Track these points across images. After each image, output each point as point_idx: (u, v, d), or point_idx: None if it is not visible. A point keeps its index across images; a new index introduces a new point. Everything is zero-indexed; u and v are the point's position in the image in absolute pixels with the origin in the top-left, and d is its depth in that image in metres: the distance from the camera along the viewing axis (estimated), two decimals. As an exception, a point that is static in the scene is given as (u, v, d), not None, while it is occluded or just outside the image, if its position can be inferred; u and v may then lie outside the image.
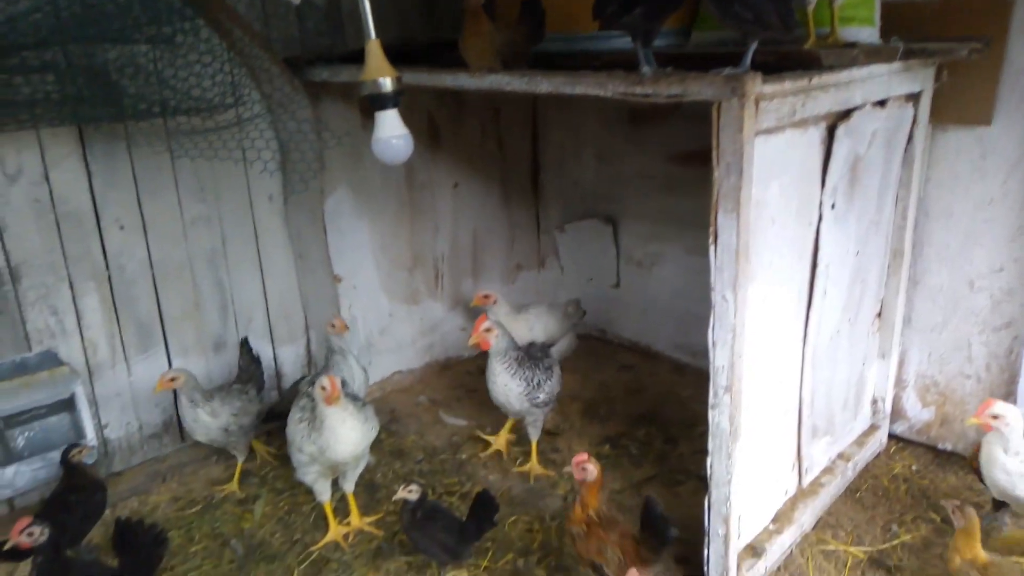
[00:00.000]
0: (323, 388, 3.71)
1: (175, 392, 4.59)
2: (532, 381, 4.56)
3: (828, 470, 4.44)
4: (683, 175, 5.63)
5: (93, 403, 4.69)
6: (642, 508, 3.38)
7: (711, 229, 3.09)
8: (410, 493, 3.73)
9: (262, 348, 5.52)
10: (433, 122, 5.90)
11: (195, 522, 4.45)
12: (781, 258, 3.52)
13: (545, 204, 6.77)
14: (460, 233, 6.35)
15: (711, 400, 3.31)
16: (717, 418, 3.30)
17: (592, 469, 3.38)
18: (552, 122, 6.50)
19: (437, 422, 5.61)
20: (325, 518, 4.30)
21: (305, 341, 5.80)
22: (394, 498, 3.80)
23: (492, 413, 5.43)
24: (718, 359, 3.22)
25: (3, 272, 4.30)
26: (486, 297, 5.43)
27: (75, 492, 3.99)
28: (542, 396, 4.58)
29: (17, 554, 3.84)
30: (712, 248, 3.12)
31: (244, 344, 5.07)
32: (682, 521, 4.16)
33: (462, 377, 6.22)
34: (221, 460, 5.14)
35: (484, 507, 3.80)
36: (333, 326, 4.92)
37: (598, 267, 6.55)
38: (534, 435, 4.85)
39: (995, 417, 3.54)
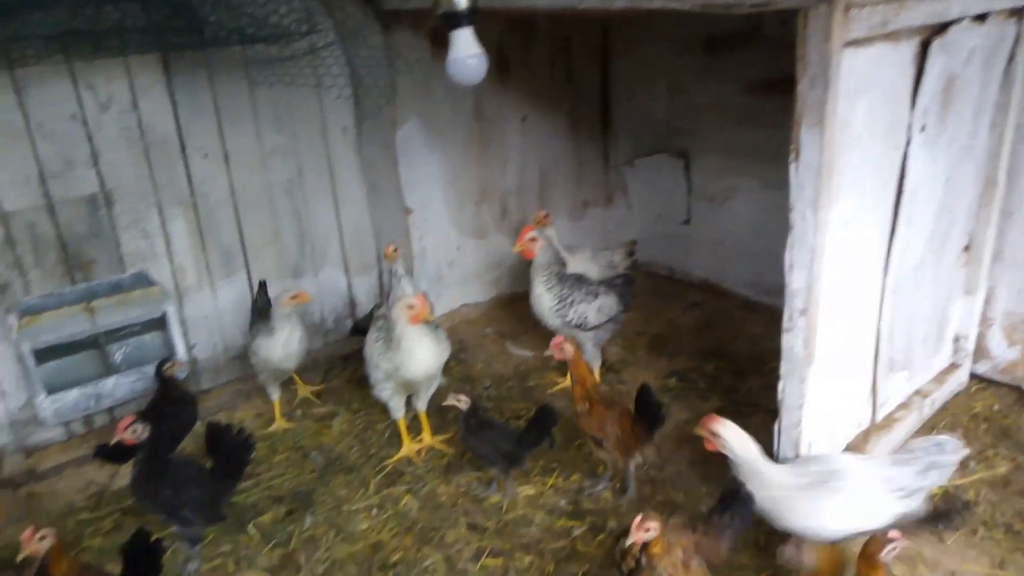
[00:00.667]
0: (410, 307, 3.84)
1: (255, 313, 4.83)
2: (566, 299, 4.59)
3: (904, 406, 4.34)
4: (761, 105, 5.43)
5: (182, 324, 4.95)
6: (637, 393, 3.79)
7: (792, 146, 3.00)
8: (459, 402, 3.90)
9: (337, 278, 5.73)
10: (502, 53, 5.84)
11: (278, 436, 4.72)
12: (865, 181, 3.39)
13: (614, 138, 6.67)
14: (527, 168, 6.34)
15: (785, 323, 3.26)
16: (791, 342, 3.26)
17: (568, 348, 3.79)
18: (623, 53, 6.34)
19: (503, 353, 5.72)
20: (399, 435, 4.50)
21: (377, 272, 5.95)
22: (444, 403, 3.97)
23: (558, 345, 5.51)
24: (795, 281, 3.16)
25: (98, 197, 4.56)
26: (546, 216, 5.47)
27: (169, 404, 4.28)
28: (572, 316, 4.59)
29: (120, 454, 4.19)
30: (793, 166, 3.03)
31: (262, 286, 5.10)
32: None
33: (528, 311, 6.27)
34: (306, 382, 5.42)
35: (544, 418, 3.92)
36: (387, 254, 4.97)
37: (668, 203, 6.44)
38: (595, 364, 4.89)
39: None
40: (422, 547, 3.68)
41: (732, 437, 3.22)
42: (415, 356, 3.95)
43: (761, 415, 4.60)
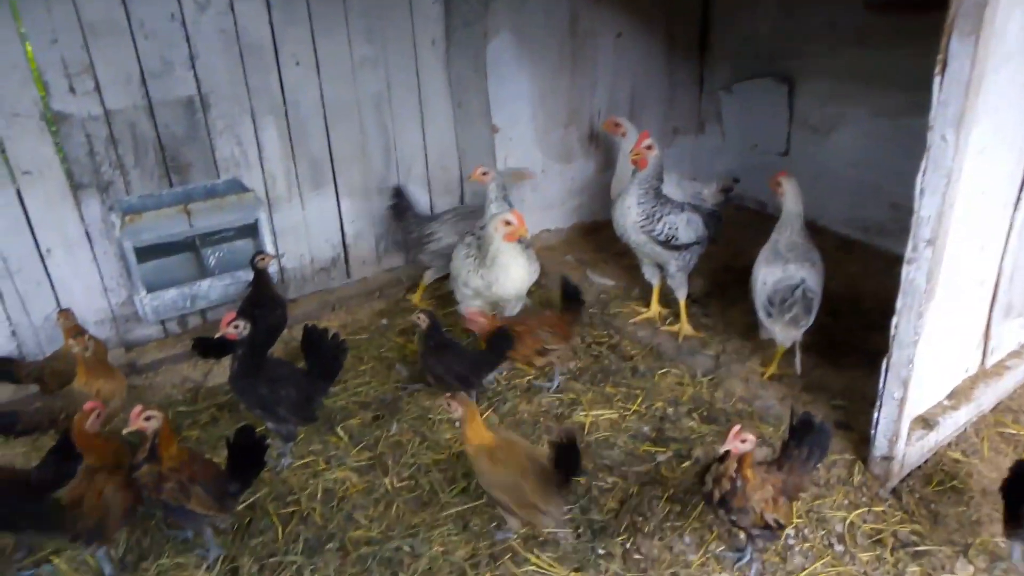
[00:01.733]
0: (507, 223, 3.78)
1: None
2: (654, 215, 4.41)
3: (1016, 354, 4.07)
4: (880, 25, 4.99)
5: (272, 232, 5.02)
6: (560, 286, 4.21)
7: (940, 57, 2.72)
8: (420, 320, 3.90)
9: (420, 197, 5.69)
10: (601, -37, 5.54)
11: (364, 346, 4.80)
12: (1008, 105, 3.07)
13: (712, 61, 6.30)
14: (618, 89, 6.08)
15: (908, 254, 3.04)
16: (913, 274, 3.05)
17: (482, 322, 3.99)
18: (729, -33, 5.93)
19: (583, 280, 5.62)
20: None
21: (459, 193, 5.90)
22: (410, 317, 3.97)
23: (637, 278, 5.38)
24: (925, 208, 2.92)
25: (195, 100, 4.59)
26: (617, 127, 5.29)
27: (261, 305, 4.38)
28: (661, 229, 4.39)
29: (215, 350, 4.34)
30: (937, 80, 2.75)
31: (398, 191, 5.29)
32: (841, 392, 4.05)
33: (608, 241, 6.10)
34: (383, 296, 5.48)
35: (499, 342, 3.91)
36: (474, 176, 4.88)
37: (765, 132, 6.10)
38: (680, 293, 4.75)
39: None
40: (505, 460, 3.71)
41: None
42: (510, 274, 3.91)
43: (855, 356, 4.42)
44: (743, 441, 2.74)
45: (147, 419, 2.94)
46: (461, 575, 3.05)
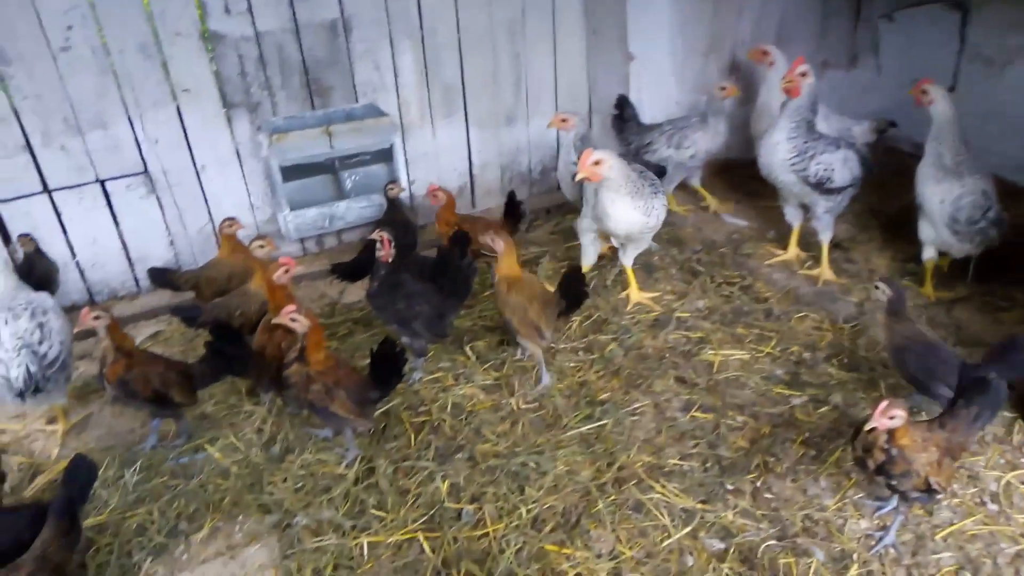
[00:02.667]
0: (596, 163, 3.75)
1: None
2: (806, 152, 4.08)
3: None
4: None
5: (405, 158, 5.11)
6: (505, 200, 4.57)
7: None
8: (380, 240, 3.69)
9: (547, 129, 5.61)
10: None
11: (486, 273, 4.85)
12: None
13: (872, -13, 5.75)
14: (766, 17, 5.66)
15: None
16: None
17: (442, 196, 4.40)
18: None
19: (715, 220, 5.41)
20: (602, 286, 4.49)
21: (585, 127, 5.75)
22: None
23: (773, 219, 5.11)
24: None
25: (338, 23, 4.68)
26: (765, 55, 5.00)
27: (394, 227, 4.49)
28: (815, 171, 4.08)
29: (353, 274, 4.51)
30: None
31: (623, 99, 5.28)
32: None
33: (742, 180, 5.82)
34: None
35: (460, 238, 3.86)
36: (554, 123, 4.69)
37: (929, 66, 5.49)
38: (824, 236, 4.46)
39: None
40: (630, 391, 3.68)
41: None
42: (610, 213, 3.96)
43: (1018, 311, 4.04)
44: (891, 418, 2.57)
45: (293, 320, 3.11)
46: (586, 494, 3.07)
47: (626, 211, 3.96)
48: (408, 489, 3.16)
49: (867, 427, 2.62)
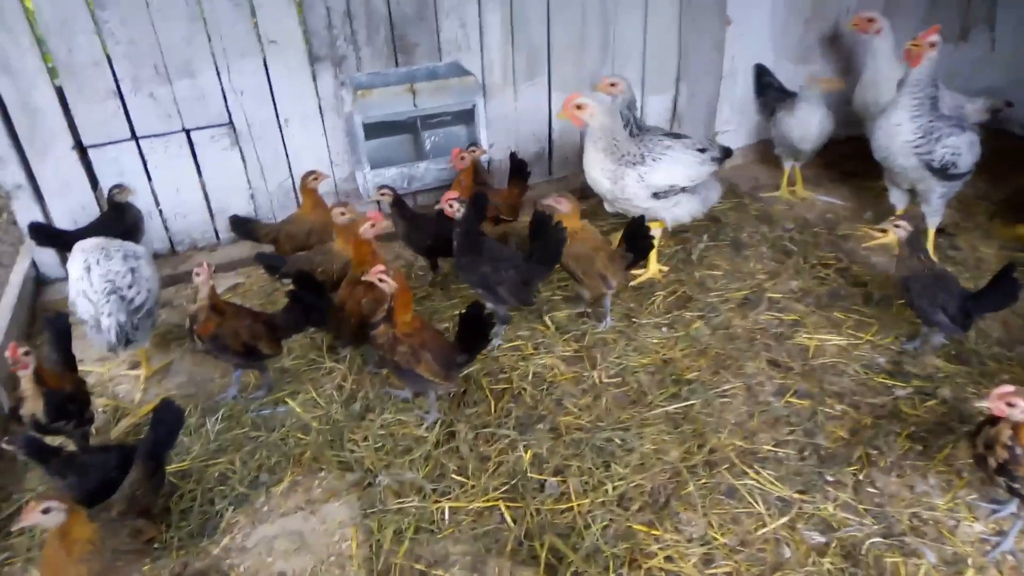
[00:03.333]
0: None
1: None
2: (931, 134, 3.77)
3: None
4: None
5: (486, 120, 4.98)
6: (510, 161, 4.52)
7: None
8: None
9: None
10: None
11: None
12: None
13: (993, -47, 5.33)
14: (876, -17, 5.32)
15: None
16: None
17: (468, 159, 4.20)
18: None
19: (808, 200, 5.14)
20: (683, 261, 4.31)
21: (673, 94, 5.53)
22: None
23: (870, 199, 4.82)
24: None
25: (427, -23, 4.56)
26: (871, 22, 4.64)
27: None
28: (940, 155, 3.78)
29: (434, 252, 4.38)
30: None
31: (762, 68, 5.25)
32: None
33: (837, 158, 5.52)
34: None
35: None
36: (602, 87, 4.36)
37: (1053, 42, 5.12)
38: (932, 221, 4.17)
39: None
40: (719, 371, 3.52)
41: None
42: (584, 168, 3.95)
43: None
44: (1010, 405, 2.34)
45: (382, 280, 3.04)
46: (676, 475, 2.94)
47: (592, 167, 3.96)
48: (489, 456, 3.09)
49: (984, 405, 2.42)
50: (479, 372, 3.54)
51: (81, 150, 4.27)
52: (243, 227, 4.25)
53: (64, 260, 4.44)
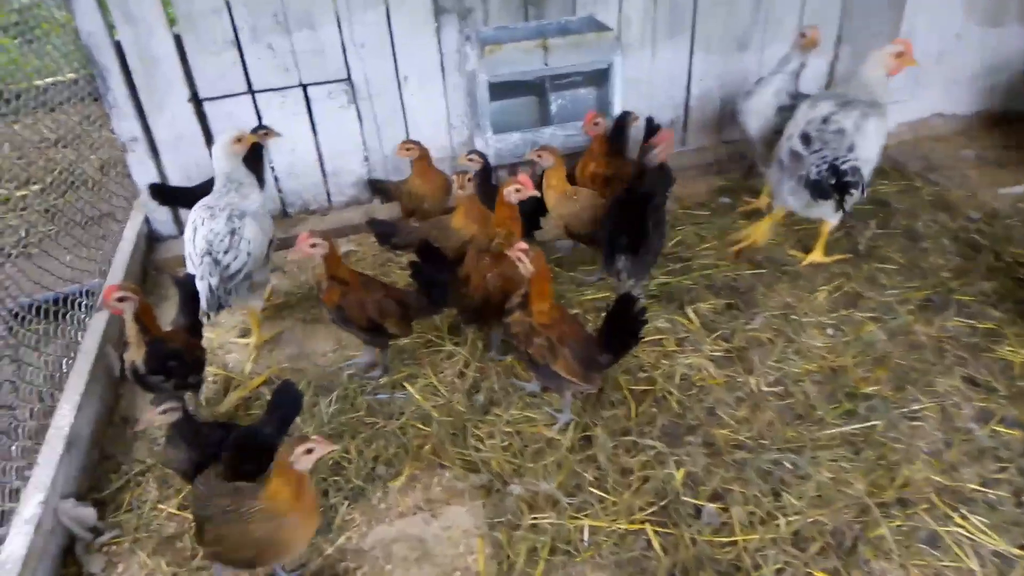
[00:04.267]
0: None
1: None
2: None
3: None
4: None
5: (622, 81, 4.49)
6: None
7: None
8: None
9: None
10: None
11: (705, 224, 4.22)
12: None
13: None
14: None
15: None
16: None
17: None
18: None
19: (991, 183, 4.41)
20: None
21: (831, 57, 4.86)
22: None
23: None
24: None
25: (566, -81, 4.07)
26: None
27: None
28: None
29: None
30: None
31: None
32: None
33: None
34: (721, 173, 4.80)
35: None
36: (808, 42, 3.92)
37: None
38: None
39: None
40: (903, 387, 2.98)
41: None
42: None
43: None
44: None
45: (521, 259, 2.67)
46: (863, 512, 2.47)
47: None
48: (631, 469, 2.69)
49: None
50: (616, 368, 3.13)
51: (197, 103, 4.07)
52: (375, 185, 4.07)
53: (179, 218, 4.31)
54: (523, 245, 2.66)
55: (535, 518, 2.51)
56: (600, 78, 4.39)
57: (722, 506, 2.52)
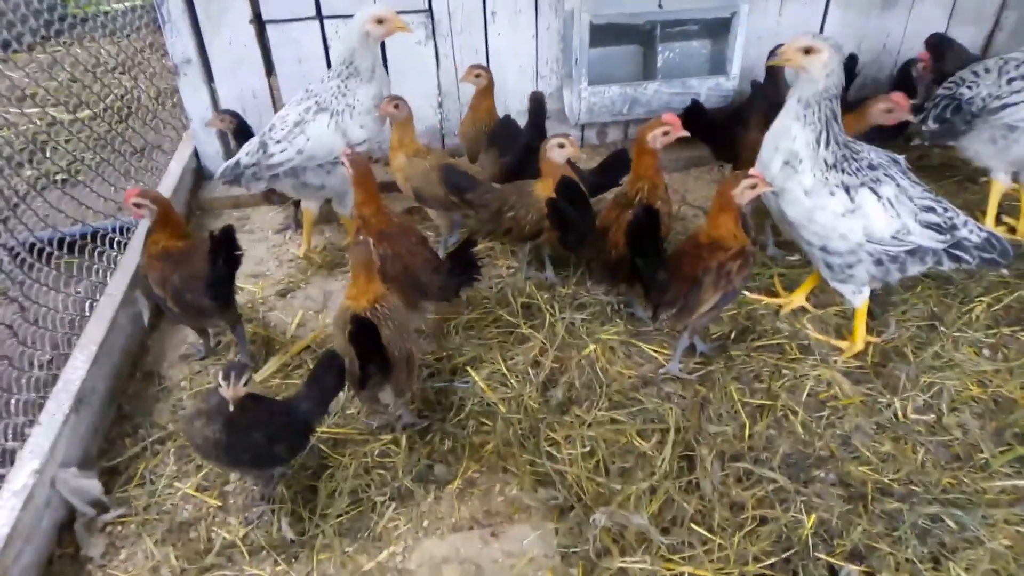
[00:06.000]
0: None
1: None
2: None
3: None
4: None
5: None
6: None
7: None
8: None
9: (933, 16, 4.07)
10: None
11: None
12: None
13: None
14: None
15: None
16: None
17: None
18: None
19: None
20: None
21: (990, 25, 4.12)
22: None
23: None
24: None
25: None
26: None
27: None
28: None
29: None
30: None
31: None
32: None
33: None
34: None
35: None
36: None
37: None
38: None
39: None
40: (1094, 433, 2.35)
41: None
42: None
43: None
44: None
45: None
46: (1055, 603, 1.89)
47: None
48: (743, 504, 2.16)
49: None
50: (725, 374, 2.58)
51: (259, 25, 3.61)
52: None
53: (230, 154, 3.89)
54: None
55: (623, 562, 2.00)
56: (718, 29, 3.77)
57: (866, 569, 1.96)
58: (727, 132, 3.40)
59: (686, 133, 2.64)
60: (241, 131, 3.43)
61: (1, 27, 3.05)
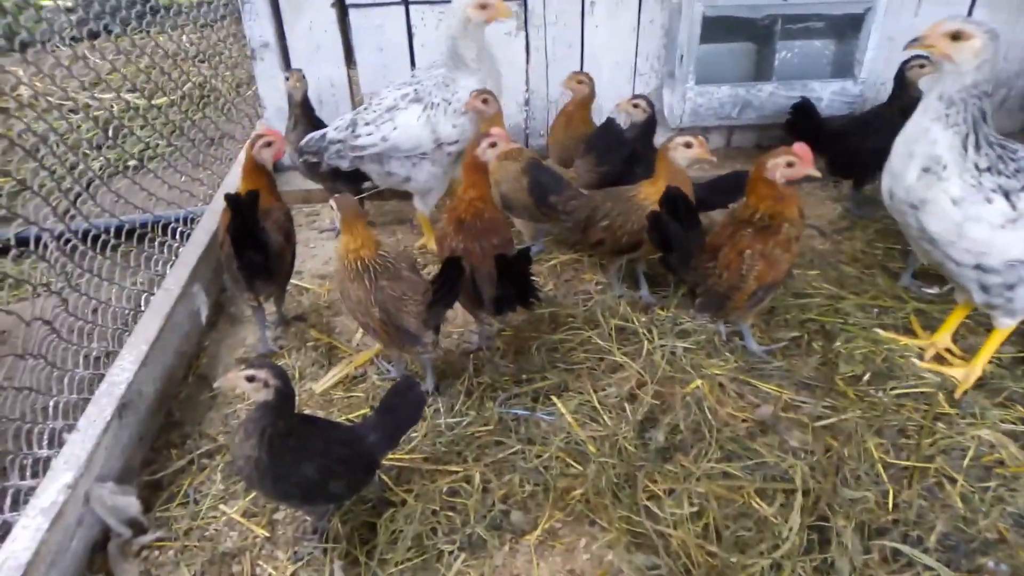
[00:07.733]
0: None
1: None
2: None
3: None
4: None
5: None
6: None
7: None
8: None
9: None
10: None
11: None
12: None
13: None
14: None
15: None
16: None
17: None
18: None
19: None
20: None
21: None
22: None
23: None
24: None
25: None
26: None
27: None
28: None
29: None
30: None
31: None
32: None
33: None
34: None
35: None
36: None
37: None
38: None
39: None
40: None
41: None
42: None
43: None
44: None
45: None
46: None
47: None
48: (891, 594, 1.75)
49: None
50: (863, 426, 2.16)
51: (342, 8, 3.39)
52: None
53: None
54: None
55: (744, 658, 1.62)
56: (846, 27, 3.34)
57: None
58: (847, 143, 2.99)
59: (816, 173, 2.23)
60: (307, 115, 3.17)
61: (90, 17, 3.00)
